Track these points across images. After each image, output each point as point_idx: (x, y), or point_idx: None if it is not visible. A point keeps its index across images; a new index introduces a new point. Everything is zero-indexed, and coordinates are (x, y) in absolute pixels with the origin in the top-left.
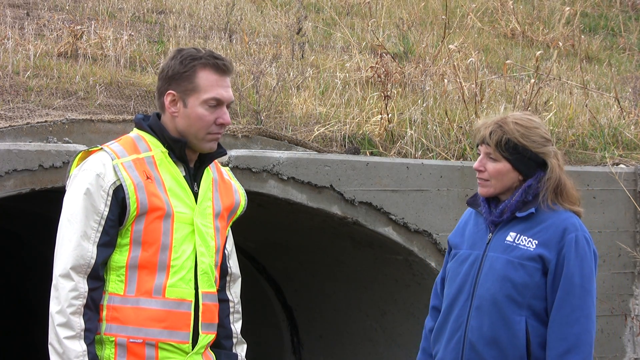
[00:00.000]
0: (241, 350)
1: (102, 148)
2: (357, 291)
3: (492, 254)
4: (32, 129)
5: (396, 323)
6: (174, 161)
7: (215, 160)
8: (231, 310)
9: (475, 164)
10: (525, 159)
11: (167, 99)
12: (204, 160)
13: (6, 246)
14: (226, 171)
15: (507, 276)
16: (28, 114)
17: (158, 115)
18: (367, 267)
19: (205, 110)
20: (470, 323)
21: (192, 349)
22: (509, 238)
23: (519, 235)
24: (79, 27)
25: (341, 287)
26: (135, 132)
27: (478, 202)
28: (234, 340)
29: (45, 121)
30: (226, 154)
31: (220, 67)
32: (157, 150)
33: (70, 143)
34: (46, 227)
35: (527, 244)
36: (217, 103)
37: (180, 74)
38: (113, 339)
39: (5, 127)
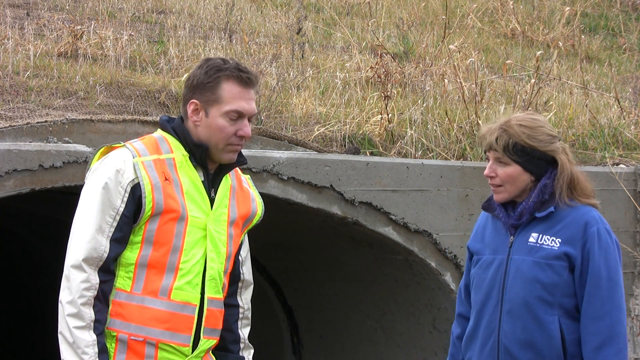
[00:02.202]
0: (248, 354)
1: (124, 145)
2: (357, 291)
3: (517, 256)
4: (32, 129)
5: (396, 323)
6: (194, 165)
7: (236, 168)
8: (240, 316)
9: (486, 171)
10: (534, 159)
11: (190, 108)
12: (224, 167)
13: (6, 246)
14: (246, 179)
15: (535, 278)
16: (28, 114)
17: (182, 119)
18: (367, 267)
19: (226, 122)
20: (503, 328)
21: (192, 352)
22: (531, 239)
23: (541, 235)
24: (79, 27)
25: (341, 287)
26: (159, 133)
27: (493, 207)
28: (241, 345)
29: (46, 121)
30: (246, 162)
31: (244, 79)
32: (178, 153)
33: (70, 143)
34: (46, 227)
35: (551, 243)
36: (239, 115)
37: (204, 84)
38: (115, 334)
39: (5, 127)
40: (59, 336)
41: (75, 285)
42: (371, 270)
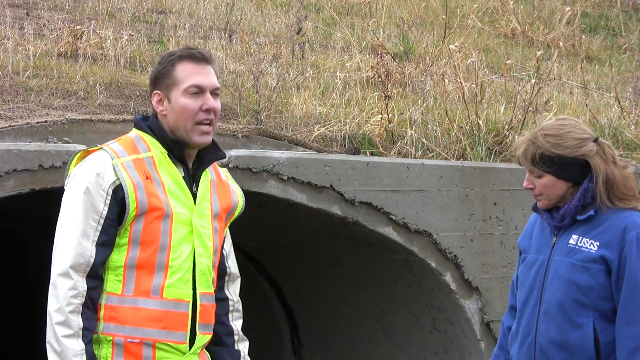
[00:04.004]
0: (243, 347)
1: (101, 147)
2: (357, 291)
3: (557, 257)
4: (32, 129)
5: (396, 323)
6: (173, 162)
7: (214, 163)
8: (230, 308)
9: (524, 183)
10: (565, 166)
11: (154, 100)
12: (203, 161)
13: (6, 246)
14: (224, 172)
15: (572, 280)
16: (28, 114)
17: (156, 116)
18: (367, 267)
19: (188, 99)
20: (540, 327)
21: (190, 349)
22: (571, 241)
23: (581, 237)
24: (78, 27)
25: (341, 287)
26: (135, 132)
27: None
28: (235, 338)
29: (45, 121)
30: (225, 157)
31: (196, 55)
32: (156, 150)
33: (70, 143)
34: (46, 227)
35: (590, 246)
36: (199, 90)
37: (160, 72)
38: (110, 338)
39: (5, 127)
40: (47, 346)
41: (63, 293)
42: (371, 270)
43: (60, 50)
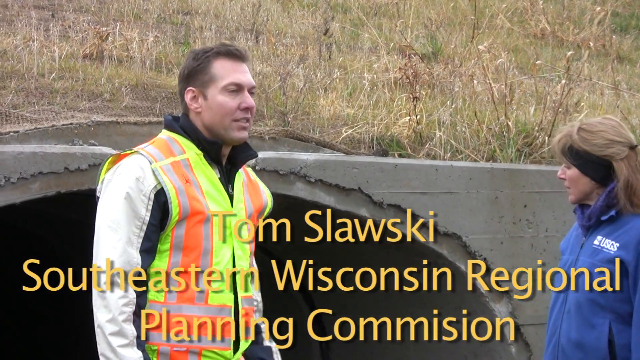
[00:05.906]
0: (270, 342)
1: (136, 151)
2: (385, 295)
3: (582, 257)
4: (58, 131)
5: (425, 326)
6: (209, 163)
7: None
8: (255, 308)
9: (558, 173)
10: (590, 163)
11: (188, 97)
12: (236, 161)
13: (31, 249)
14: (251, 172)
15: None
16: (53, 116)
17: (187, 116)
18: (396, 270)
19: (226, 97)
20: (562, 327)
21: (234, 355)
22: (595, 242)
23: (604, 238)
24: (104, 28)
25: (370, 290)
26: (167, 134)
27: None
28: (264, 335)
29: (71, 123)
30: (257, 155)
31: (233, 52)
32: (191, 152)
33: (95, 145)
34: (72, 230)
35: (610, 247)
36: (238, 88)
37: (195, 69)
38: (155, 348)
39: (30, 130)
40: (101, 358)
41: (114, 302)
42: (400, 273)
43: (86, 52)
